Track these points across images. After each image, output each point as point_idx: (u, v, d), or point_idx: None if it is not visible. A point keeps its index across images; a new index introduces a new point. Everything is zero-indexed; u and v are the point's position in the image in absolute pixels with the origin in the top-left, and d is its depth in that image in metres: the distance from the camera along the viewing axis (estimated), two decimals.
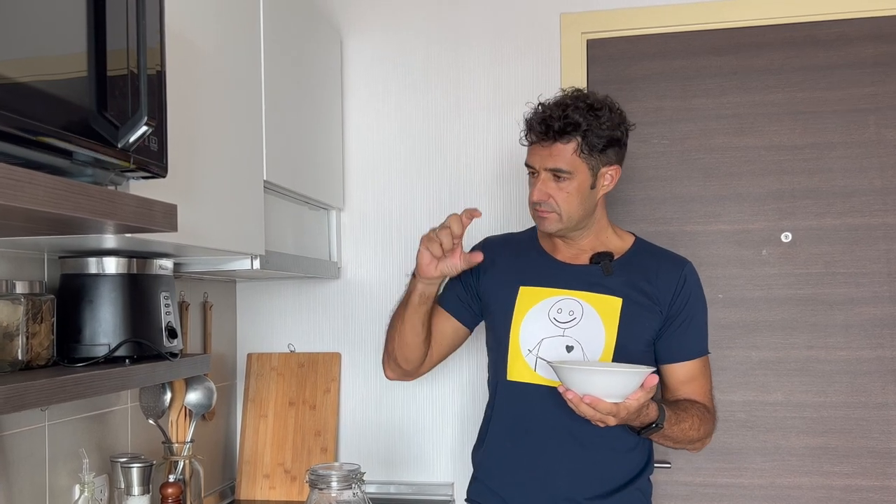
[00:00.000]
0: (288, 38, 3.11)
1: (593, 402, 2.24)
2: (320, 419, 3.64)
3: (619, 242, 2.76)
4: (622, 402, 2.25)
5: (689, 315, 2.67)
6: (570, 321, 2.61)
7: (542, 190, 2.58)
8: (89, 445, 2.62)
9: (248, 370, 3.75)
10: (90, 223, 1.70)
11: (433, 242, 2.50)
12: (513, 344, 2.66)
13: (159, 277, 2.38)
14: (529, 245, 2.82)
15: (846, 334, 3.39)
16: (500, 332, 2.71)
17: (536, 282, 2.70)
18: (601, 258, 2.68)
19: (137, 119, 1.70)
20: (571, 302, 2.63)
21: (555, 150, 2.56)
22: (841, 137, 3.42)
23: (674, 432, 2.51)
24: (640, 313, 2.63)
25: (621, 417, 2.28)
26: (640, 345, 2.64)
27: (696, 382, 2.69)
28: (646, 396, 2.27)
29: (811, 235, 3.43)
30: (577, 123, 2.53)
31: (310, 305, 3.80)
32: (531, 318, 2.65)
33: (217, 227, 2.45)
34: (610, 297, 2.63)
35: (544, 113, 2.58)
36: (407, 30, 3.74)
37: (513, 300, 2.69)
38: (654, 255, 2.77)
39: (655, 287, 2.66)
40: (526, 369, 2.63)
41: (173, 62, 2.04)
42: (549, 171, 2.57)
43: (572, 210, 2.59)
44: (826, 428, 3.39)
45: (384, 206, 3.71)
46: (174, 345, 2.38)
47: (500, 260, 2.78)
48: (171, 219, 1.86)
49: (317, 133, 3.41)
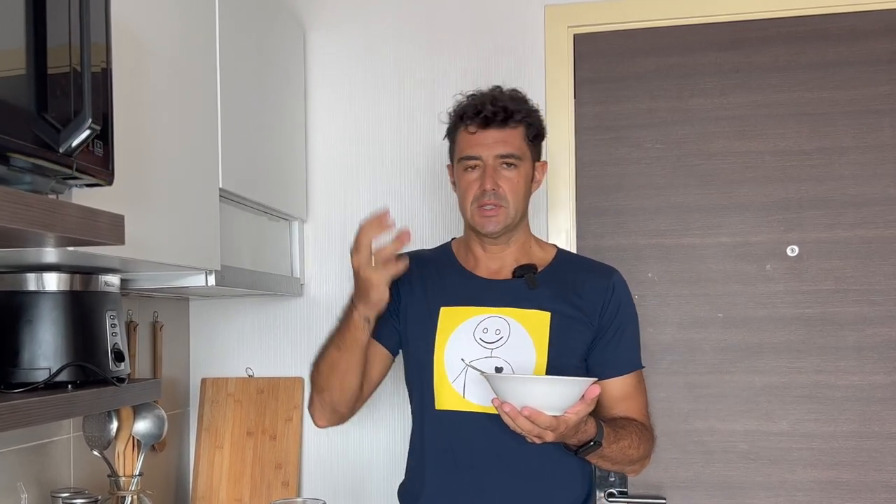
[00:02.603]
0: (246, 33, 3.13)
1: (532, 414, 2.24)
2: (281, 450, 3.65)
3: (542, 254, 2.80)
4: (562, 415, 2.26)
5: (620, 326, 2.70)
6: (497, 341, 2.62)
7: (494, 178, 2.61)
8: (28, 479, 2.63)
9: (203, 396, 3.75)
10: (28, 235, 1.71)
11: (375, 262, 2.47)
12: (437, 370, 2.65)
13: (105, 295, 2.38)
14: (446, 262, 2.84)
15: (858, 357, 3.40)
16: (422, 357, 2.69)
17: (458, 301, 2.71)
18: (524, 271, 2.71)
19: (81, 121, 1.71)
20: (497, 320, 2.65)
21: (507, 135, 2.62)
22: (853, 141, 3.43)
23: (612, 451, 2.52)
24: (571, 326, 2.65)
25: (560, 433, 2.29)
26: (573, 360, 2.66)
27: (633, 400, 2.72)
28: (586, 409, 2.28)
29: (820, 249, 3.43)
30: (519, 109, 2.63)
31: (270, 326, 3.81)
32: (455, 341, 2.65)
33: (168, 240, 2.46)
34: (537, 312, 2.65)
35: (485, 97, 2.64)
36: (376, 23, 3.75)
37: (434, 322, 2.69)
38: (579, 266, 2.82)
39: (583, 299, 2.69)
40: (454, 397, 2.63)
41: (120, 59, 2.05)
42: (501, 157, 2.62)
43: (519, 203, 2.65)
44: (836, 460, 3.40)
45: (352, 217, 3.67)
46: (121, 369, 2.37)
47: (415, 279, 2.77)
48: (117, 230, 1.86)
49: (278, 137, 3.42)
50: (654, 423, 2.80)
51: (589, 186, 3.59)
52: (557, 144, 3.52)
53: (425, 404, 2.69)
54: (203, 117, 2.76)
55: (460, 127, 2.69)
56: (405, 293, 2.76)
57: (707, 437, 3.47)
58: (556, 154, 3.52)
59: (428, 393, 2.67)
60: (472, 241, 2.78)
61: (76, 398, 2.15)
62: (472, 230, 2.74)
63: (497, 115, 2.60)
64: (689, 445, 3.48)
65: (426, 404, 2.69)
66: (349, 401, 2.70)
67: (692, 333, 3.50)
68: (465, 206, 2.68)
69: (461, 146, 2.68)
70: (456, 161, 2.72)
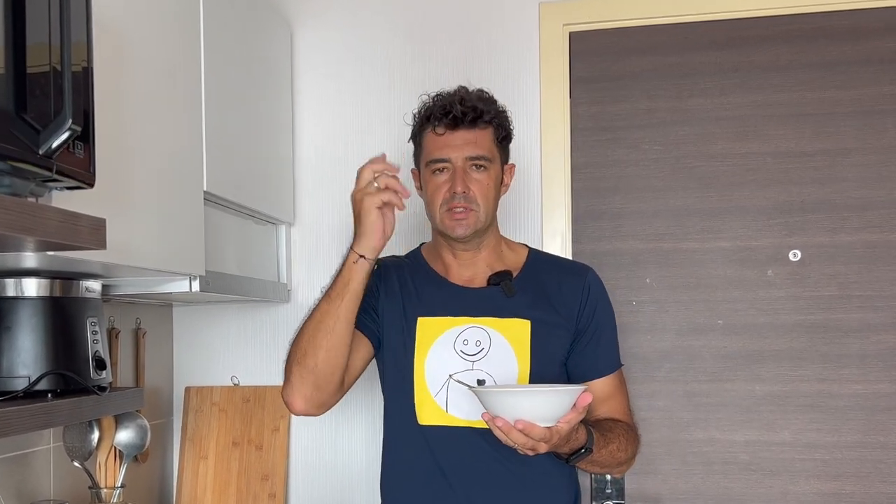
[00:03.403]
0: (231, 31, 3.14)
1: (526, 427, 2.22)
2: (268, 461, 3.65)
3: (514, 257, 2.81)
4: (555, 425, 2.26)
5: (598, 326, 2.72)
6: (478, 352, 2.63)
7: (464, 181, 2.60)
8: (7, 491, 2.63)
9: (187, 406, 3.75)
10: (7, 239, 1.71)
11: (381, 194, 2.44)
12: (418, 383, 2.64)
13: (86, 301, 2.38)
14: (418, 269, 2.83)
15: (862, 365, 3.40)
16: (402, 370, 2.68)
17: (435, 311, 2.71)
18: (500, 278, 2.71)
19: (61, 122, 1.71)
20: (478, 331, 2.65)
21: (477, 136, 2.63)
22: (856, 142, 3.43)
23: (602, 456, 2.53)
24: (551, 333, 2.66)
25: (553, 443, 2.29)
26: (555, 367, 2.67)
27: (615, 400, 2.73)
28: (578, 418, 2.29)
29: (823, 254, 3.44)
30: (488, 109, 2.64)
31: (256, 332, 3.81)
32: (436, 353, 2.65)
33: (151, 244, 2.46)
34: (517, 321, 2.66)
35: (453, 97, 2.65)
36: (366, 21, 3.76)
37: (412, 334, 2.68)
38: (553, 266, 2.83)
39: (559, 301, 2.70)
40: (437, 411, 2.63)
41: (102, 58, 2.05)
42: (470, 159, 2.62)
43: (489, 206, 2.65)
44: (840, 471, 3.40)
45: (340, 220, 3.70)
46: (103, 377, 2.38)
47: (389, 286, 2.77)
48: (98, 234, 1.87)
49: (264, 138, 3.43)
50: (638, 423, 2.82)
51: (585, 189, 3.59)
52: (552, 146, 3.53)
53: (406, 419, 2.67)
54: (187, 118, 2.77)
55: (427, 128, 2.69)
56: (383, 294, 2.75)
57: (707, 448, 3.47)
58: (551, 156, 3.53)
59: (408, 407, 2.66)
60: (441, 247, 2.78)
61: (56, 407, 2.14)
62: (441, 235, 2.74)
63: (466, 116, 2.61)
64: (689, 456, 3.48)
65: (407, 419, 2.67)
66: (333, 372, 2.56)
67: (691, 340, 3.49)
68: (433, 210, 2.67)
69: (428, 149, 2.68)
70: (423, 165, 2.71)
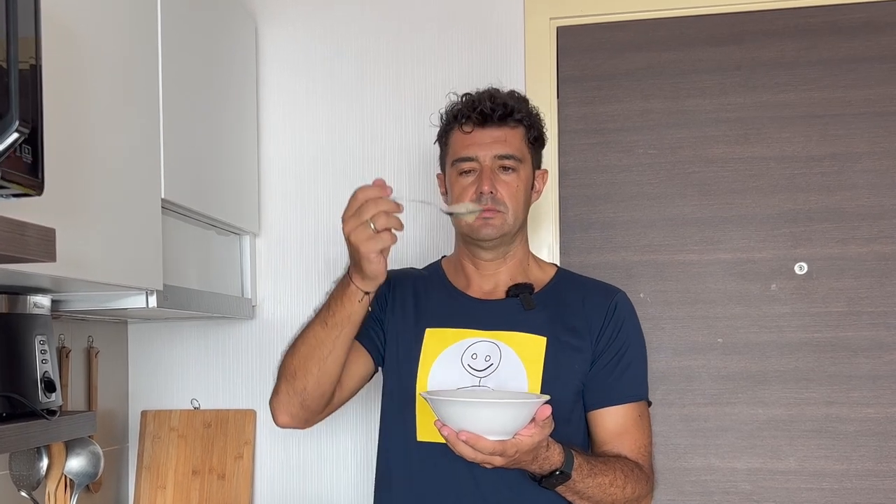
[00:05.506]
0: (190, 25, 3.15)
1: (470, 439, 2.23)
2: (230, 491, 3.66)
3: (540, 274, 2.82)
4: (510, 439, 2.25)
5: (620, 350, 2.69)
6: (487, 368, 2.63)
7: (492, 181, 2.61)
8: None
9: (143, 431, 3.75)
10: None
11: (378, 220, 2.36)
12: (420, 398, 2.63)
13: (34, 318, 2.39)
14: (435, 281, 2.85)
15: (873, 387, 3.40)
16: (404, 382, 2.69)
17: (445, 322, 2.72)
18: (520, 290, 2.71)
19: (6, 124, 1.71)
20: (488, 345, 2.65)
21: (507, 135, 2.64)
22: (867, 146, 3.44)
23: (587, 487, 2.49)
24: (569, 355, 2.65)
25: (510, 457, 2.28)
26: (569, 392, 2.65)
27: (629, 436, 2.68)
28: (540, 433, 2.27)
29: (831, 266, 3.45)
30: (520, 108, 2.67)
31: (218, 352, 3.82)
32: (441, 366, 2.66)
33: (104, 257, 2.47)
34: (532, 337, 2.65)
35: (482, 94, 2.67)
36: (337, 15, 3.77)
37: (418, 345, 2.70)
38: (580, 285, 2.82)
39: (582, 319, 2.69)
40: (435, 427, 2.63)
41: (52, 56, 2.07)
42: (499, 158, 2.63)
43: (518, 209, 2.66)
44: (849, 502, 3.40)
45: (309, 230, 3.73)
46: (52, 400, 2.38)
47: (400, 297, 2.79)
48: (47, 245, 1.87)
49: (227, 142, 3.45)
50: (657, 469, 2.78)
51: (574, 196, 3.60)
52: None
53: (406, 434, 2.68)
54: (143, 119, 2.77)
55: (454, 127, 2.70)
56: (391, 307, 2.77)
57: (706, 477, 3.48)
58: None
59: (409, 422, 2.67)
60: (464, 257, 2.79)
61: (1, 433, 2.14)
62: (465, 242, 2.75)
63: (496, 112, 2.62)
64: (686, 486, 3.49)
65: (406, 434, 2.68)
66: (323, 395, 2.60)
67: (689, 360, 3.51)
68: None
69: (455, 147, 2.69)
70: (449, 165, 2.72)
